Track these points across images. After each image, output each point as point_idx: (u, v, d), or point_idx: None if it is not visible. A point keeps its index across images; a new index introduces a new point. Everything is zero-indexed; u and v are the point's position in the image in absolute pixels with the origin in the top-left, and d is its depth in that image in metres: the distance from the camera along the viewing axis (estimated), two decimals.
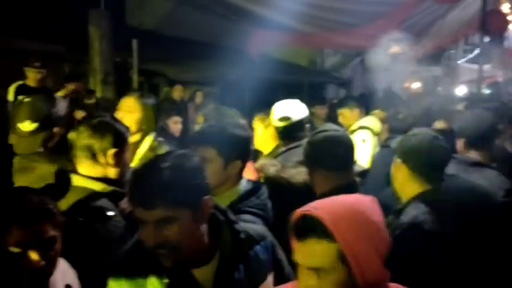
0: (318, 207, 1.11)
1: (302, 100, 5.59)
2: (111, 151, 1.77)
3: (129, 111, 2.62)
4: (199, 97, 6.62)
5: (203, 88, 6.66)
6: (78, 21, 5.01)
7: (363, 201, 1.17)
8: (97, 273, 1.40)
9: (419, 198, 1.84)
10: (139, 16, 5.39)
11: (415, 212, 1.79)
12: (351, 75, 9.55)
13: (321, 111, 5.56)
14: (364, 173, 2.52)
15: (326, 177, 1.94)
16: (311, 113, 5.57)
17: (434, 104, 6.88)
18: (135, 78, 5.32)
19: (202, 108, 4.85)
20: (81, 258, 1.52)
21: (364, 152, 3.70)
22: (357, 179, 2.11)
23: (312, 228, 1.08)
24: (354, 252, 1.06)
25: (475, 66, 9.94)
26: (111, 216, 1.69)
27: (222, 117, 2.63)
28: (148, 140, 2.67)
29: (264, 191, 1.93)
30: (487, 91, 12.80)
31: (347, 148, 1.99)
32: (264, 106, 3.19)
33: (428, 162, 1.87)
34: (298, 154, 2.30)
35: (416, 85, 11.88)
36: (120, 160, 1.81)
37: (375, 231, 1.12)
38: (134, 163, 2.42)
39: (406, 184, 1.91)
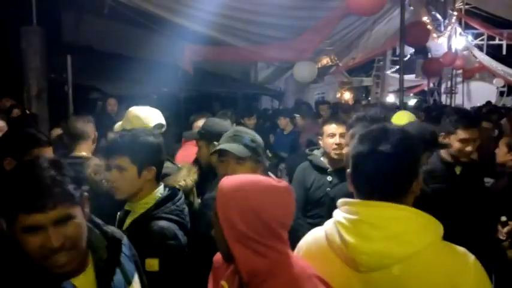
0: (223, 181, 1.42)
1: (236, 111, 6.32)
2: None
3: None
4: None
5: (138, 102, 7.23)
6: (11, 37, 5.45)
7: (256, 181, 1.40)
8: None
9: None
10: (74, 32, 5.92)
11: None
12: (283, 87, 10.54)
13: (250, 122, 6.33)
14: None
15: None
16: (242, 124, 6.38)
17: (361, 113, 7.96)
18: (70, 93, 5.82)
19: None
20: None
21: None
22: None
23: None
24: (223, 216, 1.35)
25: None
26: None
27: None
28: None
29: (181, 196, 2.11)
30: (413, 100, 14.52)
31: None
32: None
33: None
34: None
35: (347, 95, 13.25)
36: None
37: (248, 208, 1.33)
38: None
39: None
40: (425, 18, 11.31)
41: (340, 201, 1.46)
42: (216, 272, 1.55)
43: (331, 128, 3.08)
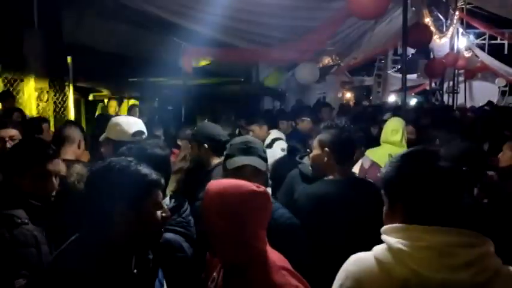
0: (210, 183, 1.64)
1: (237, 111, 6.24)
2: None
3: None
4: (135, 112, 7.20)
5: (140, 102, 7.24)
6: (12, 40, 5.45)
7: (238, 186, 1.57)
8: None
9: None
10: (75, 33, 5.93)
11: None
12: (285, 88, 10.53)
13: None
14: None
15: None
16: (240, 126, 6.32)
17: (363, 113, 7.95)
18: (71, 95, 5.83)
19: None
20: None
21: None
22: None
23: None
24: (207, 216, 1.59)
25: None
26: (19, 223, 1.95)
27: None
28: None
29: (187, 207, 2.14)
30: (414, 99, 14.54)
31: None
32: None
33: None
34: None
35: (348, 95, 13.24)
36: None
37: (228, 209, 1.52)
38: None
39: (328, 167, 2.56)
40: (427, 20, 11.26)
41: (389, 227, 1.40)
42: (209, 265, 1.77)
43: None
